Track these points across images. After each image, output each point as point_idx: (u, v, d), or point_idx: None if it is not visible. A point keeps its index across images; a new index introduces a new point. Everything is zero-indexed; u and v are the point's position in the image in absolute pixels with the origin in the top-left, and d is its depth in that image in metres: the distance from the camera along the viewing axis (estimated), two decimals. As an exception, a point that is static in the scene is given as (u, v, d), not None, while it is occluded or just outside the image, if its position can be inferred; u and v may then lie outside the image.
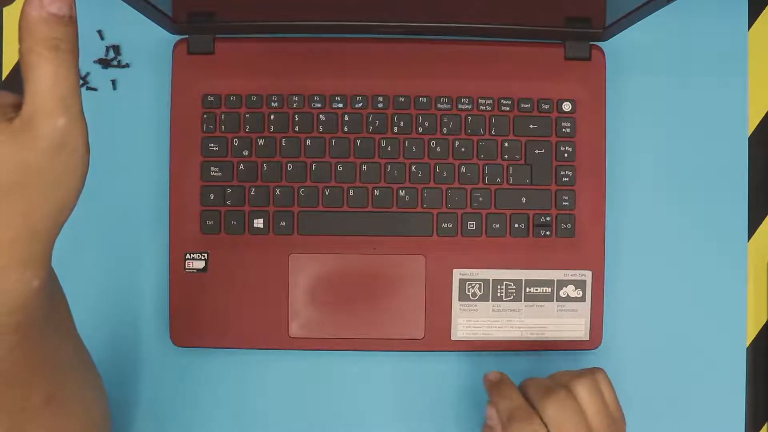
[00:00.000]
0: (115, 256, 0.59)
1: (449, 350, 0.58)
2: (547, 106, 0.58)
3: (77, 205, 0.33)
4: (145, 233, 0.59)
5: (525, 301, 0.58)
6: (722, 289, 0.60)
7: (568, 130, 0.58)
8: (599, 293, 0.58)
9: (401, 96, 0.58)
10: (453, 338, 0.58)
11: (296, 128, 0.58)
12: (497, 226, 0.58)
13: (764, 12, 0.61)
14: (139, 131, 0.59)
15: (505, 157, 0.58)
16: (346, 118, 0.58)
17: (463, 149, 0.58)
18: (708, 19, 0.60)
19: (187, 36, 0.58)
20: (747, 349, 0.60)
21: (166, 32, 0.56)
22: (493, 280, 0.58)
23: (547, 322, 0.58)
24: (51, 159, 0.31)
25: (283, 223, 0.57)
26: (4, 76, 0.60)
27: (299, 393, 0.59)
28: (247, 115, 0.58)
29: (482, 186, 0.58)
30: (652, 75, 0.60)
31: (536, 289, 0.58)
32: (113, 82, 0.60)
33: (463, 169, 0.58)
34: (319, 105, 0.58)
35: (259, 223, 0.57)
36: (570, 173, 0.58)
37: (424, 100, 0.58)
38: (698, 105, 0.60)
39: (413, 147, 0.58)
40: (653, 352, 0.60)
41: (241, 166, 0.57)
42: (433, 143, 0.58)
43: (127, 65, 0.60)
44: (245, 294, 0.57)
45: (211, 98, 0.58)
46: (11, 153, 0.30)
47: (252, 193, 0.57)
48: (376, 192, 0.58)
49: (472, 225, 0.58)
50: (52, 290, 0.36)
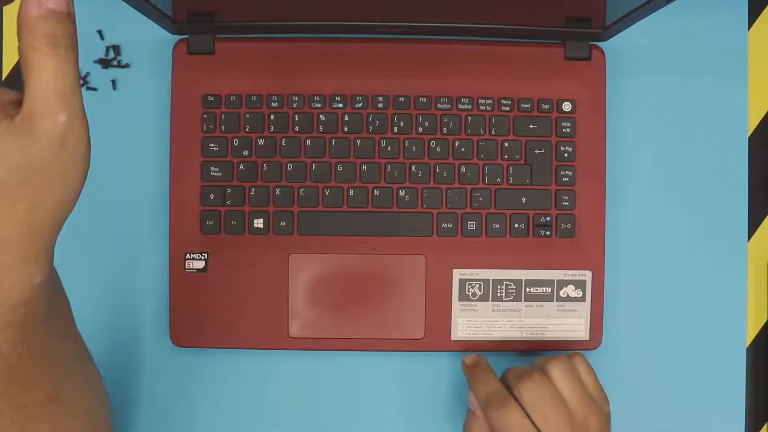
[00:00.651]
0: (115, 256, 0.59)
1: (449, 350, 0.58)
2: (547, 106, 0.58)
3: (77, 204, 0.33)
4: (145, 233, 0.59)
5: (525, 301, 0.58)
6: (722, 289, 0.60)
7: (568, 130, 0.58)
8: (599, 293, 0.58)
9: (401, 96, 0.58)
10: (453, 338, 0.58)
11: (296, 128, 0.58)
12: (497, 226, 0.58)
13: (764, 12, 0.61)
14: (139, 131, 0.59)
15: (505, 157, 0.58)
16: (346, 118, 0.58)
17: (463, 149, 0.58)
18: (708, 19, 0.60)
19: (187, 36, 0.58)
20: (747, 349, 0.60)
21: (166, 32, 0.56)
22: (493, 280, 0.58)
23: (547, 322, 0.58)
24: (53, 155, 0.31)
25: (283, 223, 0.57)
26: (5, 75, 0.60)
27: (299, 393, 0.59)
28: (247, 115, 0.58)
29: (482, 186, 0.58)
30: (652, 75, 0.60)
31: (536, 289, 0.58)
32: (113, 82, 0.60)
33: (463, 169, 0.58)
34: (319, 105, 0.58)
35: (259, 223, 0.57)
36: (570, 173, 0.58)
37: (424, 100, 0.58)
38: (698, 105, 0.60)
39: (413, 147, 0.58)
40: (653, 352, 0.60)
41: (241, 166, 0.57)
42: (433, 143, 0.58)
43: (127, 65, 0.60)
44: (245, 294, 0.57)
45: (211, 98, 0.58)
46: (14, 150, 0.30)
47: (252, 193, 0.57)
48: (376, 192, 0.58)
49: (472, 225, 0.58)
50: (54, 286, 0.36)
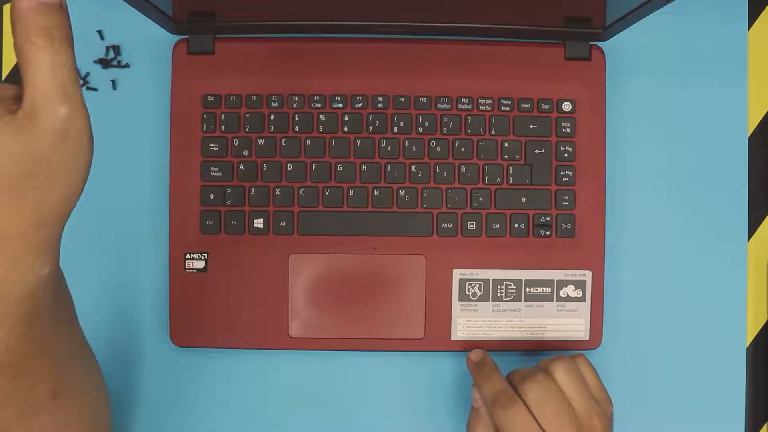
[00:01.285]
0: (115, 256, 0.59)
1: (449, 350, 0.58)
2: (547, 106, 0.58)
3: (77, 205, 0.33)
4: (145, 233, 0.59)
5: (525, 301, 0.58)
6: (722, 289, 0.60)
7: (568, 130, 0.58)
8: (599, 293, 0.58)
9: (401, 96, 0.58)
10: (453, 338, 0.58)
11: (296, 128, 0.58)
12: (497, 226, 0.58)
13: (764, 12, 0.61)
14: (139, 131, 0.59)
15: (505, 157, 0.58)
16: (346, 118, 0.58)
17: (463, 149, 0.58)
18: (708, 19, 0.60)
19: (187, 36, 0.58)
20: (747, 349, 0.60)
21: (166, 32, 0.56)
22: (493, 280, 0.58)
23: (547, 322, 0.58)
24: (56, 148, 0.31)
25: (283, 223, 0.57)
26: (5, 75, 0.60)
27: (299, 393, 0.59)
28: (247, 115, 0.58)
29: (482, 186, 0.58)
30: (652, 75, 0.60)
31: (536, 289, 0.58)
32: (113, 82, 0.60)
33: (463, 169, 0.58)
34: (319, 105, 0.58)
35: (259, 223, 0.57)
36: (570, 173, 0.58)
37: (424, 100, 0.58)
38: (698, 105, 0.60)
39: (413, 147, 0.58)
40: (653, 352, 0.60)
41: (241, 166, 0.57)
42: (433, 143, 0.58)
43: (127, 65, 0.60)
44: (245, 294, 0.57)
45: (211, 98, 0.58)
46: (18, 145, 0.30)
47: (252, 193, 0.57)
48: (376, 192, 0.58)
49: (472, 225, 0.58)
50: (59, 280, 0.37)
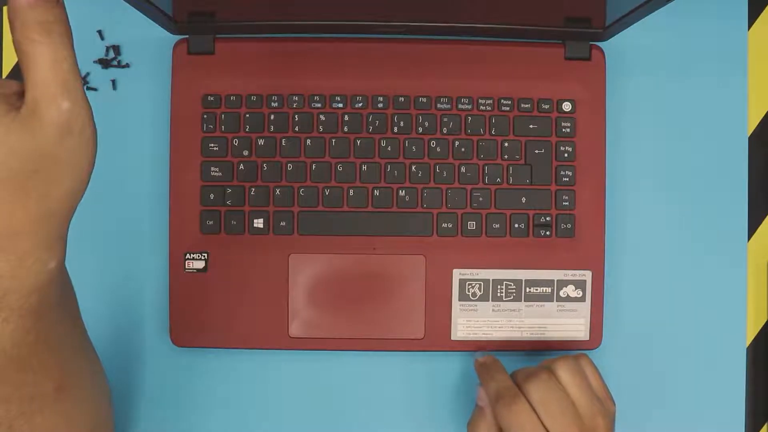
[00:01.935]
0: (115, 256, 0.59)
1: (449, 350, 0.58)
2: (547, 106, 0.58)
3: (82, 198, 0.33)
4: (145, 233, 0.59)
5: (525, 301, 0.58)
6: (722, 289, 0.60)
7: (568, 130, 0.58)
8: (599, 293, 0.58)
9: (401, 96, 0.58)
10: (453, 338, 0.58)
11: (296, 128, 0.58)
12: (497, 226, 0.58)
13: (764, 12, 0.61)
14: (139, 131, 0.59)
15: (505, 157, 0.58)
16: (346, 118, 0.58)
17: (463, 149, 0.58)
18: (708, 19, 0.60)
19: (187, 36, 0.58)
20: (747, 349, 0.60)
21: (166, 32, 0.56)
22: (493, 280, 0.58)
23: (547, 322, 0.58)
24: (60, 142, 0.31)
25: (283, 223, 0.57)
26: (5, 75, 0.60)
27: (299, 393, 0.59)
28: (247, 115, 0.58)
29: (482, 186, 0.58)
30: (652, 75, 0.60)
31: (536, 289, 0.58)
32: (113, 82, 0.60)
33: (463, 169, 0.58)
34: (319, 105, 0.58)
35: (259, 223, 0.57)
36: (570, 173, 0.58)
37: (424, 100, 0.58)
38: (698, 105, 0.60)
39: (413, 147, 0.58)
40: (653, 352, 0.60)
41: (241, 166, 0.57)
42: (433, 143, 0.58)
43: (127, 65, 0.60)
44: (245, 294, 0.57)
45: (211, 98, 0.58)
46: (22, 141, 0.30)
47: (252, 193, 0.57)
48: (376, 192, 0.58)
49: (472, 225, 0.58)
50: (64, 275, 0.37)
